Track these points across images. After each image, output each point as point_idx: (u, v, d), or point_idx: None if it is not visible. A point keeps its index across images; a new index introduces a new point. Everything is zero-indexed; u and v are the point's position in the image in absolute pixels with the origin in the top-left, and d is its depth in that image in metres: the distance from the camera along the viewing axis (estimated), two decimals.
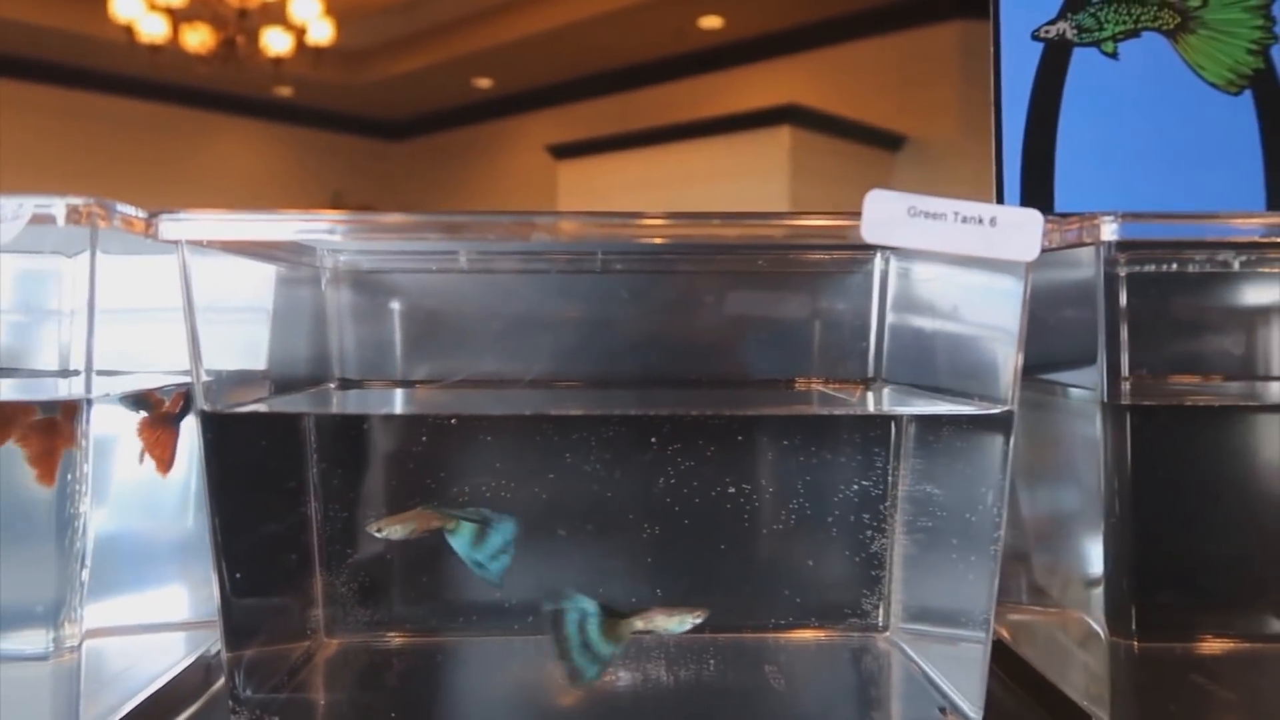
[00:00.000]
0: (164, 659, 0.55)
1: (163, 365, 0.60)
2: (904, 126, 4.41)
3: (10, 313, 0.50)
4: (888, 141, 4.45)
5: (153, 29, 4.04)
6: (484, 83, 5.42)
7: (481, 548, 0.52)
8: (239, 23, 4.22)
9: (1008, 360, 0.46)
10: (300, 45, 4.24)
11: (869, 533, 0.60)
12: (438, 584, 0.60)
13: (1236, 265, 0.47)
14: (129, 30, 4.01)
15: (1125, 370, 0.44)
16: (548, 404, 0.63)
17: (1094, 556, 0.50)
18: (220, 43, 4.24)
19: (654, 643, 0.59)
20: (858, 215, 0.44)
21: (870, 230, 0.43)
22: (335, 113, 5.73)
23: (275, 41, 4.23)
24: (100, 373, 0.45)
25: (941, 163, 4.30)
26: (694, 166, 4.56)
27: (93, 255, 0.42)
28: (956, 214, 0.43)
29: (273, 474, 0.55)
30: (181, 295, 0.44)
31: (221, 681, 0.55)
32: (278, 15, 4.16)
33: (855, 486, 0.60)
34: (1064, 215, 0.45)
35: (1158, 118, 0.72)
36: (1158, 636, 0.45)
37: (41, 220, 0.40)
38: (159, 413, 0.55)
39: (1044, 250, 0.43)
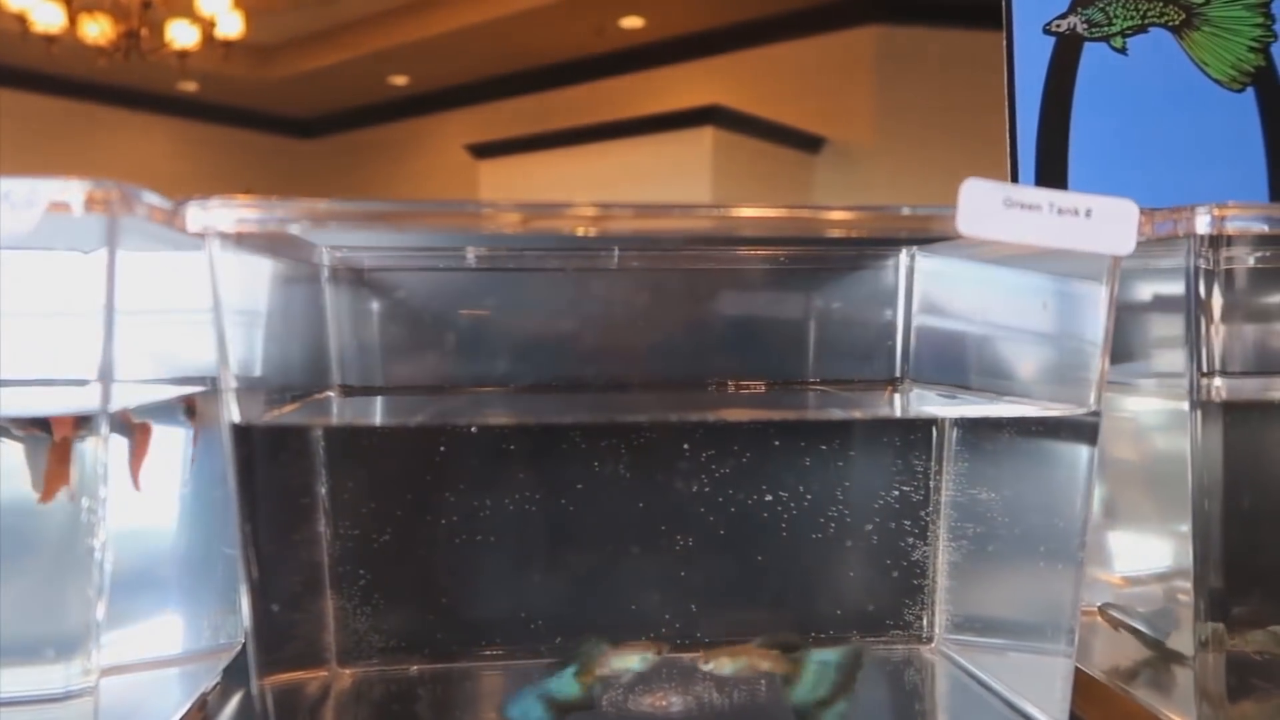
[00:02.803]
0: (165, 700, 0.50)
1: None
2: (823, 129, 4.46)
3: (19, 315, 0.45)
4: (808, 143, 4.49)
5: (48, 18, 3.83)
6: (400, 80, 5.31)
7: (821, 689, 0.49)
8: (142, 14, 4.04)
9: (1089, 359, 0.44)
10: (208, 39, 4.07)
11: (910, 540, 0.58)
12: (458, 606, 0.56)
13: None
14: (22, 20, 3.79)
15: (1216, 368, 0.42)
16: (566, 409, 0.60)
17: (1168, 561, 0.49)
18: (121, 35, 4.04)
19: (693, 661, 0.56)
20: (946, 208, 0.41)
21: (966, 222, 0.40)
22: (243, 109, 5.55)
23: (181, 35, 4.06)
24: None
25: (859, 165, 4.36)
26: (617, 167, 4.53)
27: (111, 249, 0.37)
28: (1052, 205, 0.41)
29: (295, 488, 0.50)
30: (211, 295, 0.39)
31: None
32: (184, 7, 3.99)
33: (896, 492, 0.58)
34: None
35: (1166, 114, 0.72)
36: (1249, 645, 0.44)
37: (57, 209, 0.35)
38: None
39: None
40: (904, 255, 0.63)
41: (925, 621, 0.58)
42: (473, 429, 0.56)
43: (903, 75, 4.20)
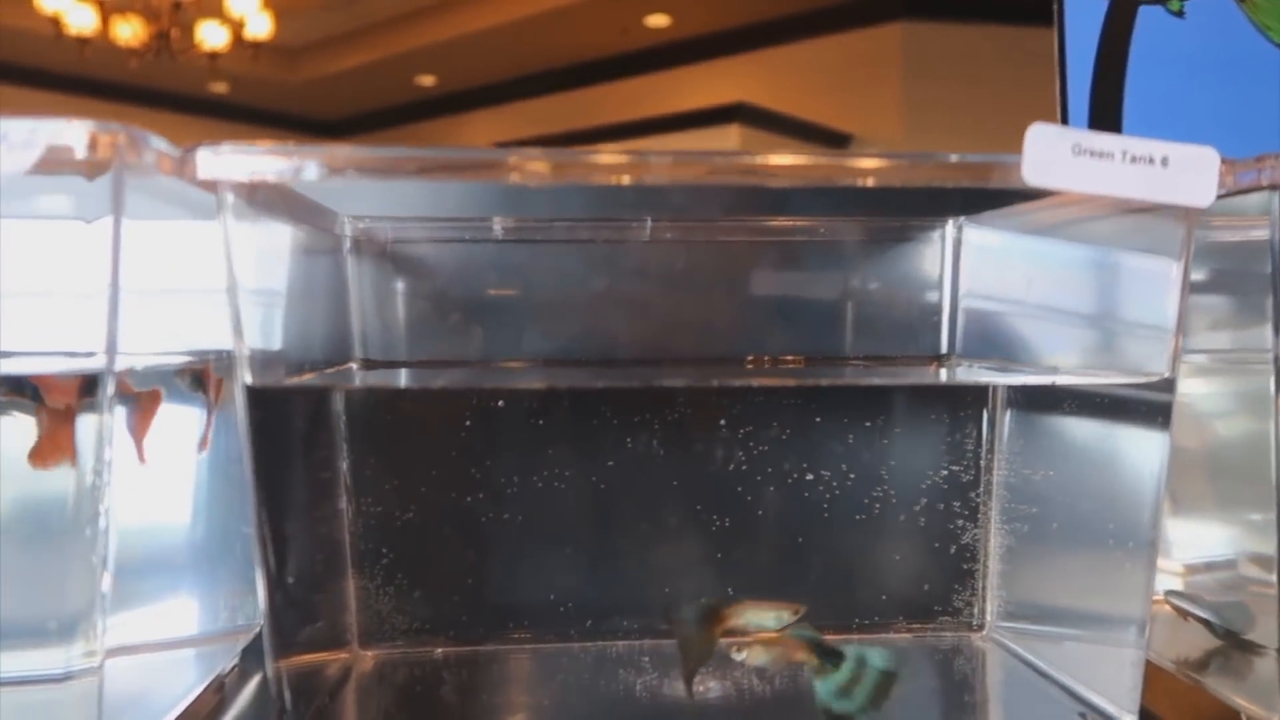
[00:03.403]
0: (179, 681, 0.47)
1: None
2: (850, 125, 4.42)
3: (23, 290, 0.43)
4: (834, 140, 4.45)
5: (81, 21, 3.85)
6: (427, 80, 5.31)
7: (851, 696, 0.45)
8: (173, 15, 4.05)
9: (1161, 322, 0.41)
10: (237, 40, 4.08)
11: (960, 522, 0.55)
12: (485, 587, 0.53)
13: None
14: (56, 22, 3.82)
15: None
16: (595, 381, 0.57)
17: (1241, 549, 0.46)
18: (153, 36, 4.06)
19: (728, 646, 0.53)
20: (1006, 155, 0.38)
21: (1032, 170, 0.37)
22: (272, 110, 5.58)
23: (211, 35, 4.07)
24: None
25: None
26: None
27: (118, 200, 0.35)
28: (1125, 152, 0.37)
29: (315, 461, 0.48)
30: (223, 250, 0.37)
31: (237, 709, 0.48)
32: (214, 8, 4.00)
33: (945, 471, 0.55)
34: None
35: (1225, 79, 0.69)
36: None
37: (57, 154, 0.33)
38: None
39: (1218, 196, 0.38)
40: (950, 227, 0.60)
41: (976, 608, 0.55)
42: (500, 403, 0.53)
43: (929, 71, 4.15)
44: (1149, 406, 0.42)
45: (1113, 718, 0.43)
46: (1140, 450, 0.42)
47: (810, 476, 0.54)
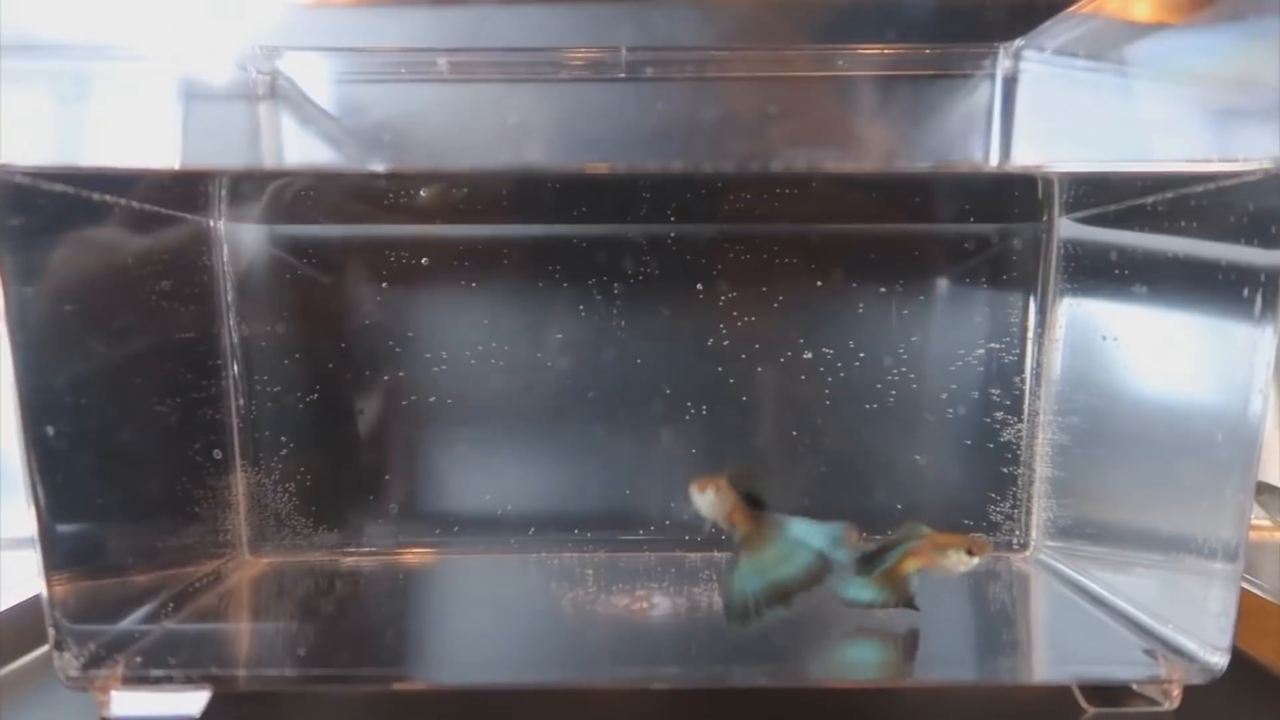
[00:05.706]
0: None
1: None
2: None
3: None
4: None
5: None
6: None
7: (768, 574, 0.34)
8: None
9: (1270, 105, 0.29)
10: None
11: (999, 414, 0.43)
12: (408, 485, 0.44)
13: None
14: None
15: None
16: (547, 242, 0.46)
17: None
18: None
19: (705, 563, 0.43)
20: None
21: None
22: None
23: None
24: None
25: None
26: None
27: None
28: None
29: (170, 323, 0.38)
30: None
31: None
32: None
33: (980, 350, 0.43)
34: None
35: None
36: None
37: None
38: None
39: None
40: (1003, 56, 0.48)
41: (1019, 523, 0.44)
42: (425, 260, 0.43)
43: None
44: (1251, 232, 0.30)
45: (1193, 656, 0.32)
46: (1239, 312, 0.31)
47: (808, 355, 0.43)
